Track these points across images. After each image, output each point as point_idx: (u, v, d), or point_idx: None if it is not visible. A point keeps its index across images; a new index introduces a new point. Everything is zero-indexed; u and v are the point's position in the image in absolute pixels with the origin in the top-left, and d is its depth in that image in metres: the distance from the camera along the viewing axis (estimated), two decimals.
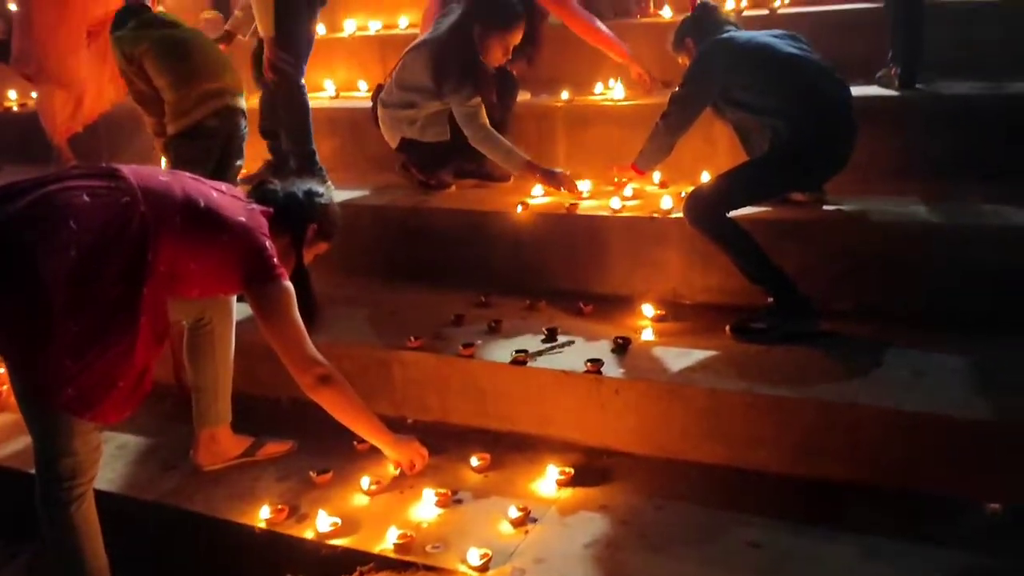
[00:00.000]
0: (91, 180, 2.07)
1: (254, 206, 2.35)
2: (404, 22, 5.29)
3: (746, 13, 4.27)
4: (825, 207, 3.10)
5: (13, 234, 1.94)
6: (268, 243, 2.25)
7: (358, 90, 4.91)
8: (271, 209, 2.39)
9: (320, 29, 5.32)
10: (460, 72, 3.51)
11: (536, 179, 3.59)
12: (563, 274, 3.40)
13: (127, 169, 2.13)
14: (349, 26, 5.34)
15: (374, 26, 5.38)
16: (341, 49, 5.14)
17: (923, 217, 2.93)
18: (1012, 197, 3.01)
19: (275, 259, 2.24)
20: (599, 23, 4.04)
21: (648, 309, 3.08)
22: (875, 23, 3.87)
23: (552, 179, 3.57)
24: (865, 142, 2.98)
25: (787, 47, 2.95)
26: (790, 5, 4.36)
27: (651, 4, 4.55)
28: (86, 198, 2.01)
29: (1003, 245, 2.78)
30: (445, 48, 3.57)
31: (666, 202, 3.27)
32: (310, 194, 2.49)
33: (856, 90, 3.05)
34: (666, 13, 4.48)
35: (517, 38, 3.60)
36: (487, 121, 3.58)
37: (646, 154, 3.32)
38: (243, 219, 2.22)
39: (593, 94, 4.12)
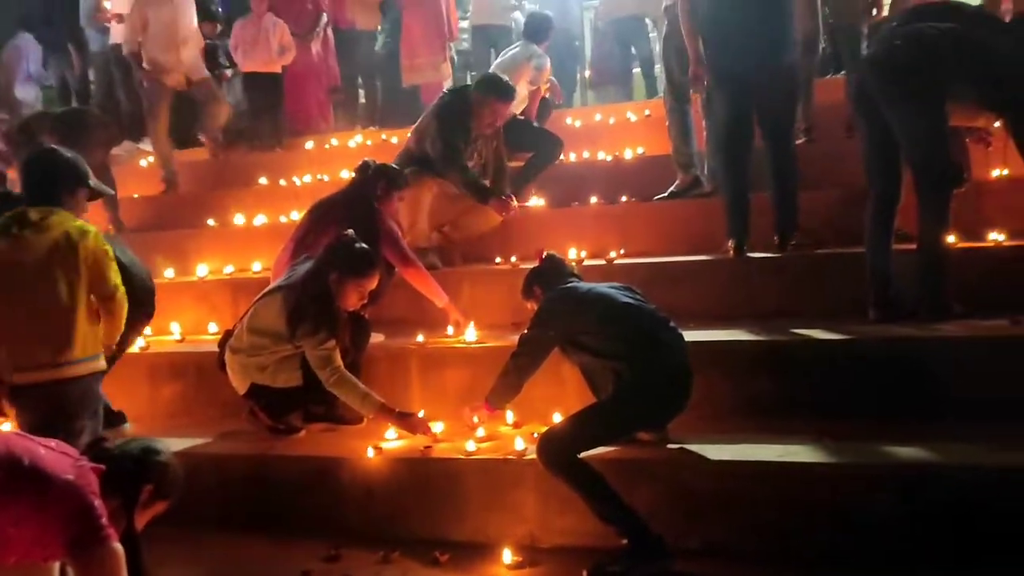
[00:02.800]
0: None
1: (84, 463, 2.21)
2: (257, 266, 5.36)
3: (586, 263, 4.60)
4: (669, 446, 3.22)
5: None
6: (97, 503, 2.10)
7: (207, 332, 4.84)
8: (103, 467, 2.25)
9: (168, 272, 5.34)
10: (315, 316, 3.56)
11: (390, 422, 3.58)
12: (418, 521, 3.30)
13: None
14: (201, 270, 5.35)
15: (227, 269, 5.42)
16: (190, 292, 5.12)
17: (757, 456, 3.07)
18: (839, 433, 3.20)
19: (103, 520, 2.09)
20: (426, 272, 4.33)
21: (506, 555, 3.02)
22: (700, 274, 4.26)
23: (406, 423, 3.56)
24: (700, 384, 3.18)
25: (624, 297, 3.20)
26: (624, 256, 4.74)
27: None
28: None
29: (831, 482, 2.94)
30: (300, 293, 3.63)
31: (519, 443, 3.31)
32: (147, 451, 2.37)
33: (689, 335, 3.29)
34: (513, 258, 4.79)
35: (373, 284, 3.72)
36: (341, 364, 3.59)
37: (497, 392, 3.41)
38: (71, 477, 2.09)
39: (446, 336, 4.24)
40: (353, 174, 4.53)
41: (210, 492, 3.46)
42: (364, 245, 3.71)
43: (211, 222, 6.05)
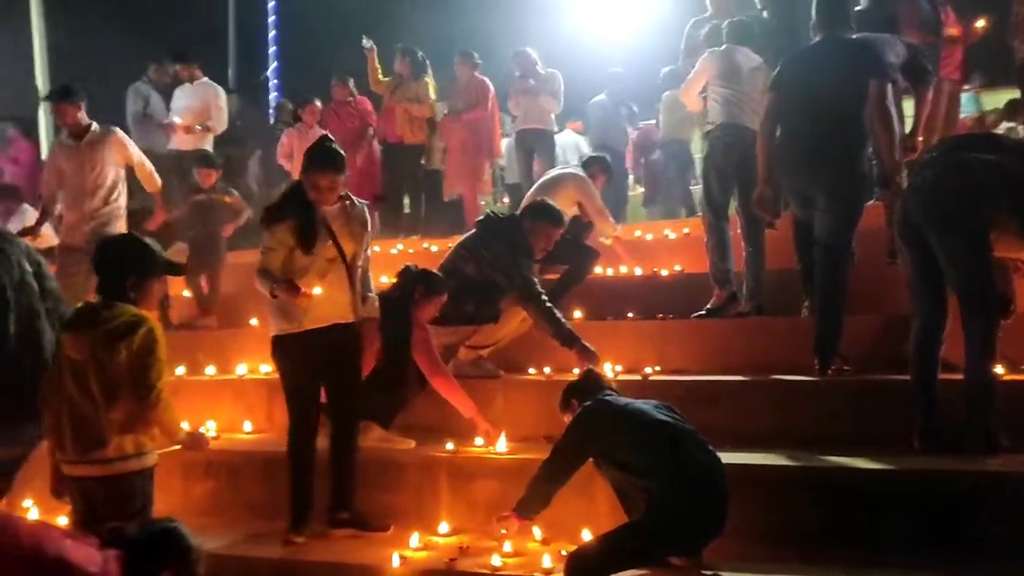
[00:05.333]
0: None
1: (110, 552, 2.19)
2: None
3: (621, 378, 4.56)
4: (703, 572, 3.11)
5: None
6: None
7: (242, 431, 4.86)
8: (124, 555, 2.23)
9: (209, 370, 5.40)
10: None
11: None
12: None
13: None
14: (240, 368, 5.40)
15: (264, 368, 5.45)
16: (228, 390, 5.16)
17: None
18: (877, 564, 3.12)
19: None
20: (456, 383, 4.30)
21: None
22: (738, 395, 4.20)
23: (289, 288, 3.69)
24: (736, 508, 3.10)
25: (661, 415, 3.17)
26: (659, 373, 4.70)
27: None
28: None
29: None
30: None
31: (547, 560, 3.22)
32: (166, 537, 2.34)
33: (725, 457, 3.22)
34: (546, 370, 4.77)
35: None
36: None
37: (526, 501, 3.36)
38: (95, 570, 2.07)
39: (475, 446, 4.19)
40: (394, 279, 4.59)
41: None
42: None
43: (254, 322, 6.14)
